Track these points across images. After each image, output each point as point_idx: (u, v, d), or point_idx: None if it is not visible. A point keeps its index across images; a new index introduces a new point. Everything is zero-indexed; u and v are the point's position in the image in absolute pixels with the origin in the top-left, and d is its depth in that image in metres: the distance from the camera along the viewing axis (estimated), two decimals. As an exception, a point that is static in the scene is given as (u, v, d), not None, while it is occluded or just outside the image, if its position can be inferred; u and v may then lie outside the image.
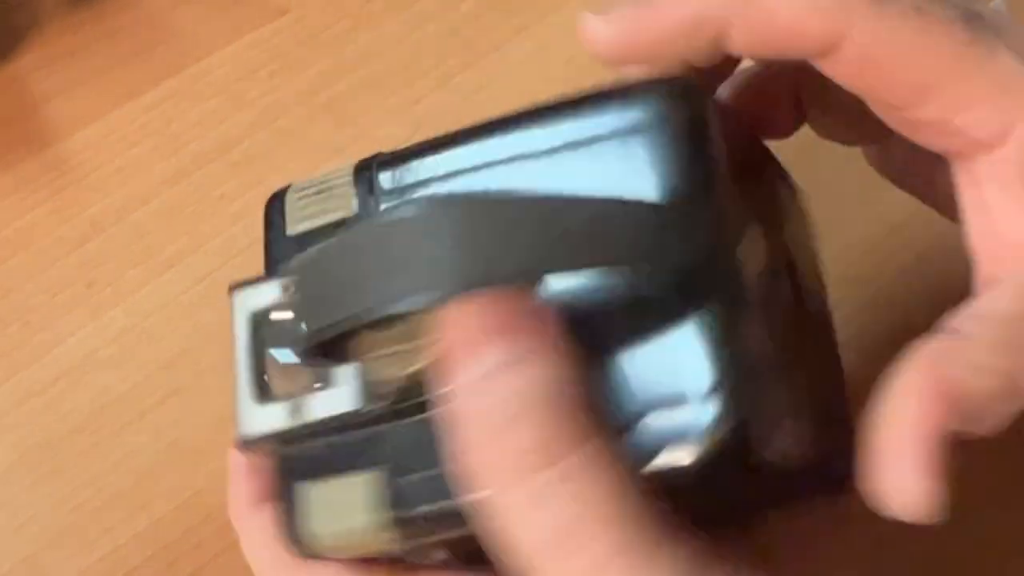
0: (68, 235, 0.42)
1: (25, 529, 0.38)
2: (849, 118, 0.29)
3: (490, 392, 0.23)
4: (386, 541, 0.26)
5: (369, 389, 0.26)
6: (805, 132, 0.31)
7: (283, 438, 0.26)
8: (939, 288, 0.24)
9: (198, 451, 0.39)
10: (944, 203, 0.29)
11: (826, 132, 0.32)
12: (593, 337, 0.24)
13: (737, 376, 0.23)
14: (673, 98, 0.25)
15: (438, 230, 0.22)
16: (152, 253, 0.42)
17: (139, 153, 0.44)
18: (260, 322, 0.27)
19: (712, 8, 0.26)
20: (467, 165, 0.26)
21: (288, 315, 0.27)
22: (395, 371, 0.25)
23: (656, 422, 0.23)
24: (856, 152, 0.33)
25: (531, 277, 0.23)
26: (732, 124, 0.27)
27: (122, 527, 0.38)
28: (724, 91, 0.30)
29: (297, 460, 0.27)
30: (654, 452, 0.23)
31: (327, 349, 0.25)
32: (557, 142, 0.25)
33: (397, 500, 0.25)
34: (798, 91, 0.31)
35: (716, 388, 0.23)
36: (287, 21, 0.47)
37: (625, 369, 0.24)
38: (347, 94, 0.45)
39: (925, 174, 0.30)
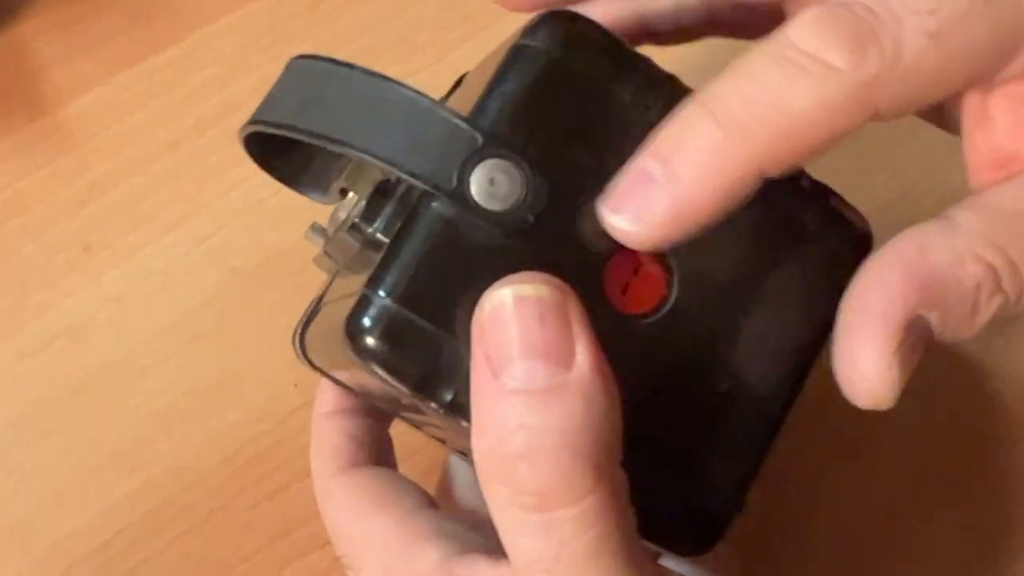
0: (67, 199, 0.43)
1: (21, 487, 0.38)
2: None
3: (513, 413, 0.22)
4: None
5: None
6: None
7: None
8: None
9: (193, 413, 0.39)
10: (946, 119, 0.29)
11: None
12: None
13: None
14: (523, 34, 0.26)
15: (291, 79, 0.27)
16: (150, 217, 0.42)
17: (139, 119, 0.44)
18: None
19: None
20: None
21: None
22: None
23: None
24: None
25: (330, 143, 0.25)
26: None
27: (117, 486, 0.38)
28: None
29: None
30: None
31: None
32: None
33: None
34: None
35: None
36: (288, -8, 0.47)
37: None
38: (346, 66, 0.45)
39: None
